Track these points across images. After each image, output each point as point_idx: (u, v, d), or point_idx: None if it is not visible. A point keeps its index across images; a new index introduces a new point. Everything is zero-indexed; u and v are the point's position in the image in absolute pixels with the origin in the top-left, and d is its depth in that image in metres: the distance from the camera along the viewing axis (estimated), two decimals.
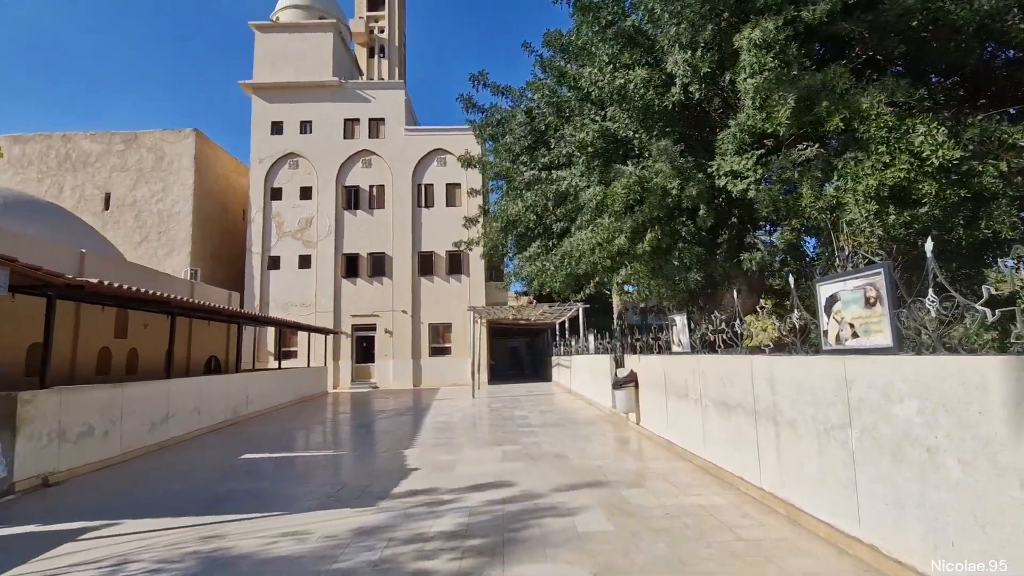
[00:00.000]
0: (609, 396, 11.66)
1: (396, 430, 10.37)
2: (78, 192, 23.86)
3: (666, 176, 6.00)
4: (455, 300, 24.47)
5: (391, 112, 25.75)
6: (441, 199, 25.27)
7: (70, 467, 6.90)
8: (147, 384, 8.94)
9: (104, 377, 12.68)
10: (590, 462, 6.80)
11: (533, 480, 5.92)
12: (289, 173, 25.26)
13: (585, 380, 15.16)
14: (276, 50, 25.95)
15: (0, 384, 8.77)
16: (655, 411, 8.20)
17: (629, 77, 6.40)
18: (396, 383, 23.67)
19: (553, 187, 7.64)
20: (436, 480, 6.07)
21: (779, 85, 5.32)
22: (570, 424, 10.26)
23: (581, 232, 7.09)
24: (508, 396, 17.06)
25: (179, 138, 24.23)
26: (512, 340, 42.29)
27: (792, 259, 7.03)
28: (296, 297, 24.30)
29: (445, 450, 7.94)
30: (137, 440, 8.43)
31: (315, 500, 5.43)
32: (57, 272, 6.58)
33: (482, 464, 6.86)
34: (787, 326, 4.67)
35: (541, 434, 9.11)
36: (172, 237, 23.43)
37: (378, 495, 5.51)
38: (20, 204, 12.58)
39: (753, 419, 5.05)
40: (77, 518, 5.05)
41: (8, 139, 24.23)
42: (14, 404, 6.14)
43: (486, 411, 13.02)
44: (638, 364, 9.03)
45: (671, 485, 5.52)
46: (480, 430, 9.86)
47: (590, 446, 7.90)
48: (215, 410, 11.23)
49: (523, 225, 9.04)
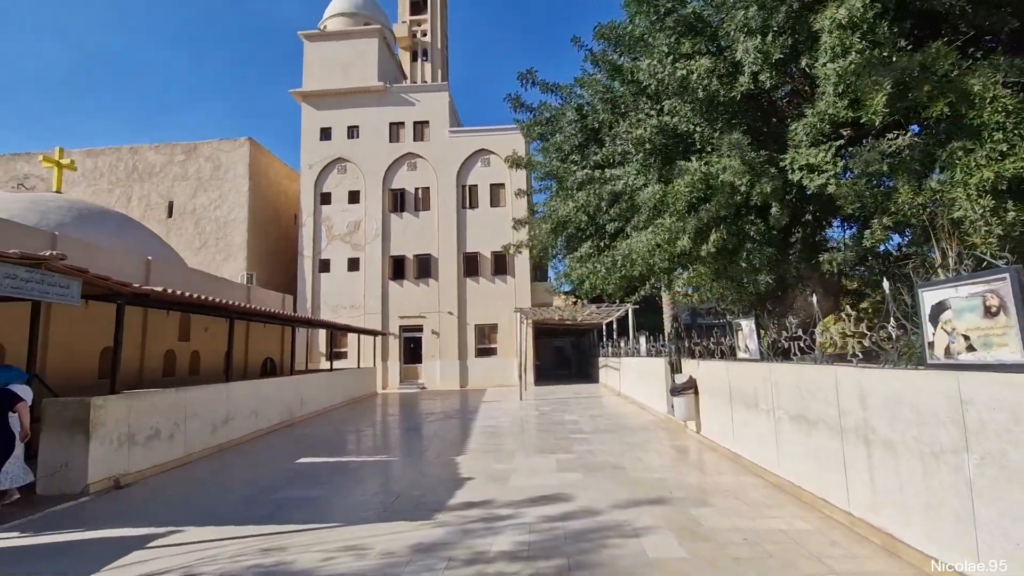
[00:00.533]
0: (661, 401, 11.22)
1: (446, 434, 10.31)
2: (144, 201, 25.25)
3: (735, 172, 5.58)
4: (500, 301, 24.39)
5: (435, 114, 25.93)
6: (485, 200, 25.24)
7: (139, 469, 7.16)
8: (208, 388, 9.22)
9: (170, 379, 13.27)
10: (650, 474, 6.47)
11: (592, 494, 5.65)
12: (338, 178, 25.86)
13: (635, 383, 14.71)
14: (324, 58, 26.61)
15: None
16: (718, 420, 7.75)
17: (691, 67, 5.99)
18: (443, 384, 23.81)
19: (607, 187, 7.31)
20: (491, 491, 5.90)
21: (870, 69, 4.80)
22: (623, 431, 9.90)
23: (639, 233, 6.74)
24: (556, 399, 16.79)
25: (234, 147, 25.23)
26: (557, 340, 41.92)
27: (874, 259, 6.43)
28: (345, 299, 24.85)
29: (497, 457, 7.78)
30: (200, 442, 8.69)
31: (372, 510, 5.36)
32: (125, 282, 6.82)
33: (537, 475, 6.64)
34: (881, 335, 4.20)
35: (595, 441, 8.81)
36: (229, 243, 24.43)
37: (434, 507, 5.39)
38: (92, 215, 13.32)
39: (839, 436, 4.60)
40: (145, 523, 5.17)
41: (82, 153, 25.91)
42: (87, 409, 6.40)
43: (535, 415, 12.80)
44: (697, 370, 8.59)
45: (743, 504, 5.13)
46: (531, 436, 9.65)
47: (648, 456, 7.54)
48: (271, 412, 11.52)
49: (574, 226, 8.76)
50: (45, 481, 6.29)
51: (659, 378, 12.10)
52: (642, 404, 13.58)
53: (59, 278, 5.85)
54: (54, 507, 5.75)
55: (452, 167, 25.34)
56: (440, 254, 24.74)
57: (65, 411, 6.41)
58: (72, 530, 5.04)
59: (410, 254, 24.99)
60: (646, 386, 13.42)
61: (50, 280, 5.73)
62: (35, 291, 5.57)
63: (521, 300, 23.77)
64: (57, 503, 5.90)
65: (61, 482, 6.29)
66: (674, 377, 9.68)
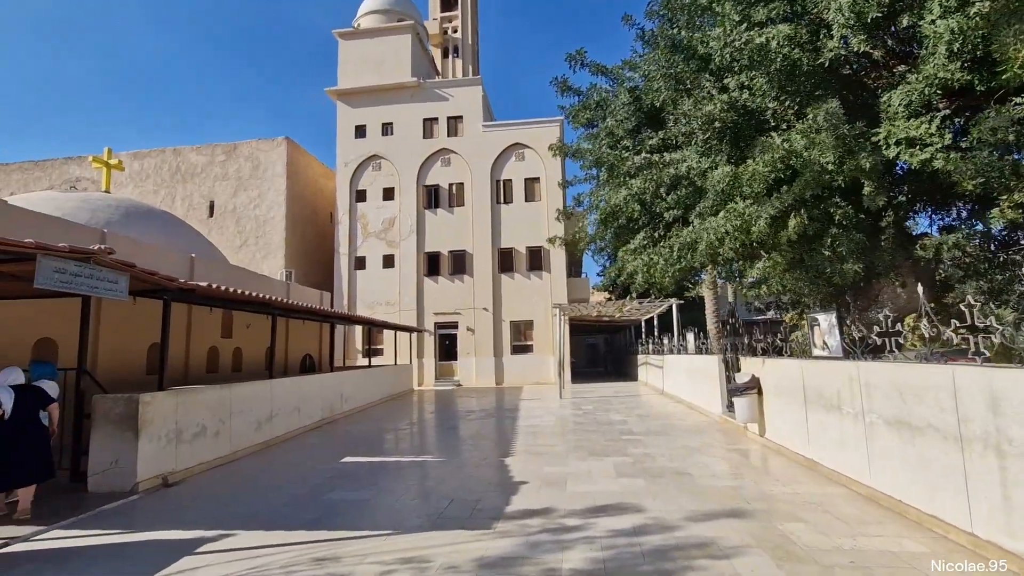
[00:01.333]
0: (714, 401, 10.62)
1: (490, 433, 9.99)
2: (187, 201, 25.83)
3: (825, 148, 4.98)
4: (536, 297, 23.98)
5: (468, 109, 25.66)
6: (520, 194, 24.84)
7: (186, 466, 7.06)
8: (252, 384, 9.14)
9: (213, 375, 13.37)
10: (719, 482, 5.97)
11: (661, 504, 5.20)
12: (372, 175, 25.89)
13: (682, 382, 14.09)
14: (358, 55, 26.66)
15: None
16: (789, 423, 7.17)
17: (770, 35, 5.43)
18: (479, 381, 23.58)
19: (667, 171, 6.77)
20: (549, 498, 5.51)
21: (1009, 17, 4.12)
22: (677, 432, 9.38)
23: (705, 220, 6.19)
24: (597, 397, 16.29)
25: (272, 147, 25.54)
26: (590, 337, 41.29)
27: (992, 242, 5.73)
28: (381, 296, 24.88)
29: (548, 460, 7.39)
30: (246, 439, 8.60)
31: (425, 516, 5.05)
32: (171, 276, 6.71)
33: (595, 479, 6.22)
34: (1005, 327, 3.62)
35: (649, 444, 8.33)
36: (268, 241, 24.76)
37: (491, 514, 5.04)
38: (139, 214, 13.51)
39: (957, 445, 4.02)
40: (195, 525, 4.99)
41: (129, 156, 26.70)
42: (135, 406, 6.31)
43: (578, 414, 12.37)
44: (762, 368, 8.00)
45: (837, 519, 4.60)
46: (580, 437, 9.22)
47: (712, 461, 7.03)
48: (313, 409, 11.43)
49: (625, 215, 8.26)
50: (96, 478, 6.22)
51: (711, 377, 11.50)
52: (691, 404, 12.97)
53: (108, 273, 5.74)
54: (104, 505, 5.66)
55: (486, 162, 25.02)
56: (475, 250, 24.48)
57: (115, 408, 6.34)
58: (123, 531, 4.90)
59: (445, 250, 24.82)
60: (695, 385, 12.82)
61: (99, 275, 5.63)
62: (84, 286, 5.47)
63: (557, 296, 23.30)
64: (107, 501, 5.81)
65: (112, 480, 6.22)
66: (732, 376, 9.10)
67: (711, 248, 6.02)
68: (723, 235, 5.83)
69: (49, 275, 5.06)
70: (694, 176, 6.43)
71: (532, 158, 24.96)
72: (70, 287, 5.29)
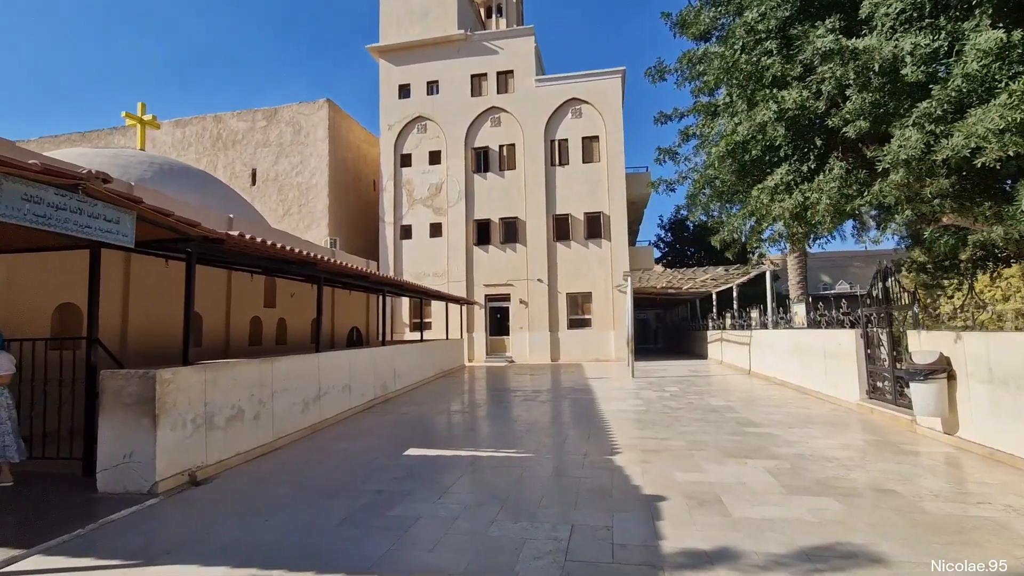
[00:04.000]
0: (843, 386, 8.60)
1: (572, 420, 8.35)
2: (230, 169, 24.96)
3: None
4: (595, 267, 22.05)
5: (520, 63, 23.51)
6: (577, 155, 22.71)
7: (219, 459, 5.71)
8: (298, 358, 7.76)
9: (256, 348, 12.23)
10: (952, 507, 4.10)
11: (900, 548, 3.40)
12: (418, 138, 24.27)
13: (784, 362, 12.03)
14: (400, 6, 24.81)
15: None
16: (1004, 420, 5.17)
17: None
18: (532, 357, 22.02)
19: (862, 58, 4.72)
20: (715, 530, 3.79)
21: None
22: (814, 425, 7.47)
23: (958, 120, 4.10)
24: (673, 377, 14.41)
25: (313, 110, 24.23)
26: (641, 312, 39.04)
27: None
28: (428, 267, 23.49)
29: (673, 461, 5.67)
30: (291, 423, 7.25)
31: (541, 555, 3.43)
32: (192, 220, 5.24)
33: (761, 497, 4.45)
34: None
35: (793, 441, 6.47)
36: (311, 209, 23.66)
37: (643, 558, 3.36)
38: (174, 170, 12.34)
39: None
40: (223, 555, 3.54)
41: (171, 124, 25.99)
42: (152, 384, 4.91)
43: (666, 396, 10.56)
44: (956, 344, 5.97)
45: None
46: (689, 428, 7.45)
47: (908, 470, 5.13)
48: (365, 386, 10.07)
49: (760, 145, 6.31)
50: (106, 475, 4.92)
51: (829, 357, 9.46)
52: (799, 387, 10.96)
53: (103, 208, 4.27)
54: (112, 515, 4.31)
55: (539, 121, 22.94)
56: (528, 217, 22.64)
57: (127, 386, 4.97)
58: (125, 564, 3.50)
59: (495, 217, 23.10)
60: (805, 366, 10.78)
61: (91, 210, 4.17)
62: (71, 223, 4.01)
63: (618, 266, 21.29)
64: (117, 507, 4.48)
65: (125, 477, 4.90)
66: (903, 355, 7.09)
67: (965, 151, 3.92)
68: (1004, 127, 3.76)
69: (16, 204, 3.61)
70: (916, 63, 4.37)
71: (590, 115, 22.72)
72: (49, 224, 3.84)
